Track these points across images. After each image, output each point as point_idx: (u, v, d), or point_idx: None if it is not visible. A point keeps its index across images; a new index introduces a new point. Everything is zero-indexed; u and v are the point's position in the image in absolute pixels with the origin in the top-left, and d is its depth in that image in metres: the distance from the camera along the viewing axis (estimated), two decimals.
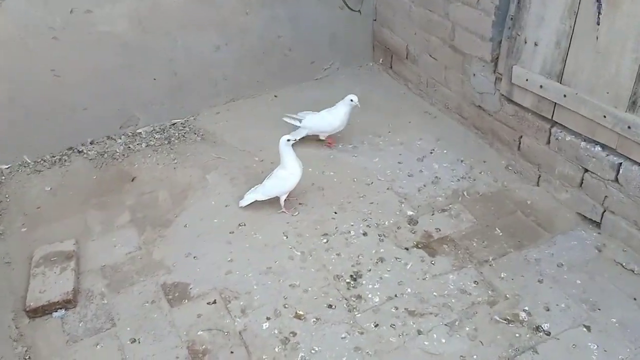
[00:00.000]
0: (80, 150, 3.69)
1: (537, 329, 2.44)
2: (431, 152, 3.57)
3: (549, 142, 3.04)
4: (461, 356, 2.35)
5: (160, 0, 3.53)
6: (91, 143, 3.73)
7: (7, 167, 3.54)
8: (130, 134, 3.83)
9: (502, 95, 3.26)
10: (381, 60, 4.40)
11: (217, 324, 2.54)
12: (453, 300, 2.59)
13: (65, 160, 3.63)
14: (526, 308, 2.53)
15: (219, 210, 3.20)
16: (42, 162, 3.61)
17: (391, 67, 4.31)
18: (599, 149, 2.77)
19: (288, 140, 3.01)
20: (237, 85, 4.07)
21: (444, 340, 2.41)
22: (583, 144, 2.83)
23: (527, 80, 2.99)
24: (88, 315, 2.61)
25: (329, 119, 3.49)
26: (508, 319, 2.49)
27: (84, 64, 3.49)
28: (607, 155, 2.73)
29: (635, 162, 2.61)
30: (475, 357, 2.34)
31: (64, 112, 3.57)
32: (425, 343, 2.41)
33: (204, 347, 2.44)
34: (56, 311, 2.62)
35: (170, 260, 2.88)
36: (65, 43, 3.37)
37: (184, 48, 3.75)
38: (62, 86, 3.48)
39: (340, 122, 3.47)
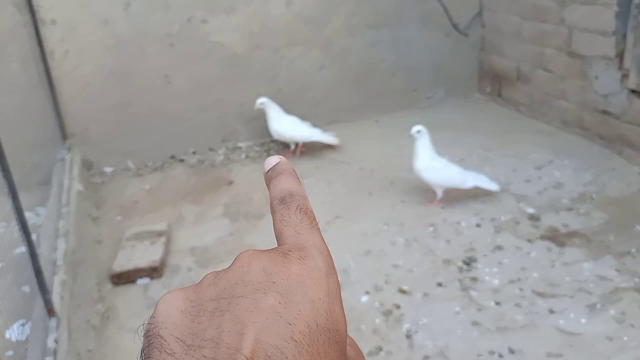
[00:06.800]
0: (182, 159, 3.73)
1: None
2: (550, 162, 3.22)
3: None
4: (608, 337, 1.87)
5: (270, 15, 3.68)
6: (193, 153, 3.77)
7: (111, 170, 3.63)
8: (231, 147, 3.84)
9: (631, 91, 2.94)
10: (488, 89, 4.22)
11: None
12: (591, 285, 2.15)
13: (166, 168, 3.66)
14: None
15: (314, 206, 3.00)
16: (144, 167, 3.67)
17: (499, 95, 4.11)
18: None
19: None
20: (336, 107, 4.03)
21: (583, 320, 1.96)
22: None
23: None
24: (173, 285, 2.43)
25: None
26: None
27: (194, 73, 3.62)
28: None
29: None
30: (625, 338, 1.86)
31: (171, 121, 3.67)
32: (560, 322, 1.96)
33: None
34: (141, 278, 2.48)
35: (261, 245, 2.68)
36: (180, 50, 3.55)
37: (288, 65, 3.82)
38: (172, 94, 3.61)
39: None
